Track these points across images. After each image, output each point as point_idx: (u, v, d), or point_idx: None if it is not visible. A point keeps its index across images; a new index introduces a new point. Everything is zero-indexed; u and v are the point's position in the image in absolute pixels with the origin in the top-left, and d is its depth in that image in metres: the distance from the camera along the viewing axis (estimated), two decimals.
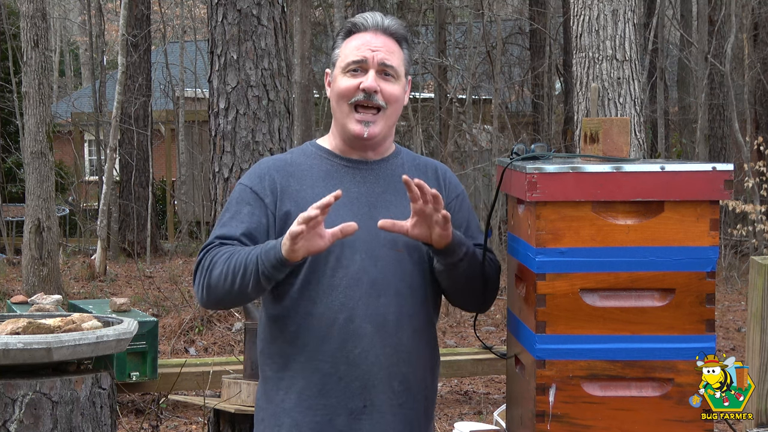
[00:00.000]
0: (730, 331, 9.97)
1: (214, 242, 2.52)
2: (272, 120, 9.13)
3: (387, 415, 2.53)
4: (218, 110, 9.28)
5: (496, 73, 16.37)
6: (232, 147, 9.17)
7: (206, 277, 2.47)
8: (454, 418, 6.71)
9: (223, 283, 2.44)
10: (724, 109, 17.30)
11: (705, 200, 2.33)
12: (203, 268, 2.49)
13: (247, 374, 4.79)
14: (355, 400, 2.50)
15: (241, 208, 2.55)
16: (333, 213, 2.45)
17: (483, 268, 2.58)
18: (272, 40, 8.37)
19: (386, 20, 2.58)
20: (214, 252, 2.49)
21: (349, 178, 2.57)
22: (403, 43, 2.60)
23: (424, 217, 2.41)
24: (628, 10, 7.30)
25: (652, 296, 2.34)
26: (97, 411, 3.02)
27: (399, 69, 2.56)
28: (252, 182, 2.57)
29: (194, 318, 9.05)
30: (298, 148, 2.70)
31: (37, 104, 10.47)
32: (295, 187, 2.55)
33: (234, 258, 2.44)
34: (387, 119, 2.55)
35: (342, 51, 2.58)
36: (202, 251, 2.53)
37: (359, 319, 2.49)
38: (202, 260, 2.51)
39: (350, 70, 2.53)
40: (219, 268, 2.45)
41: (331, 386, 2.49)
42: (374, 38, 2.55)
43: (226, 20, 8.49)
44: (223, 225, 2.55)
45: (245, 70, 8.67)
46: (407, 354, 2.56)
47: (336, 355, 2.49)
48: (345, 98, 2.53)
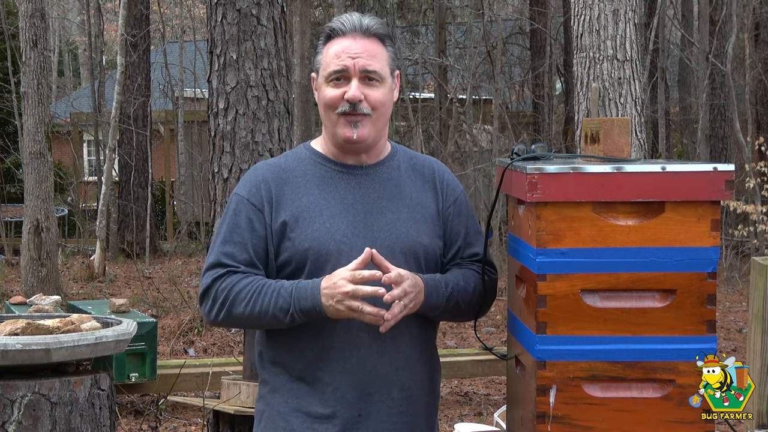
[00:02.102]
0: (731, 332, 9.96)
1: (223, 265, 2.50)
2: (272, 120, 9.12)
3: (386, 424, 2.52)
4: (217, 110, 9.27)
5: (496, 73, 16.37)
6: (231, 147, 9.17)
7: (227, 309, 2.47)
8: (455, 419, 6.70)
9: (246, 318, 2.46)
10: (725, 109, 17.29)
11: (706, 201, 2.32)
12: (223, 298, 2.47)
13: (246, 375, 4.78)
14: (351, 409, 2.48)
15: (239, 221, 2.53)
16: (329, 220, 2.46)
17: (474, 293, 2.59)
18: (272, 40, 8.36)
19: (365, 21, 2.53)
20: (232, 282, 2.47)
21: (344, 184, 2.54)
22: (386, 41, 2.55)
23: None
24: (629, 9, 7.29)
25: (652, 297, 2.33)
26: (96, 412, 3.02)
27: (382, 72, 2.52)
28: (249, 193, 2.55)
29: (193, 319, 9.05)
30: (292, 152, 2.68)
31: (35, 104, 10.46)
32: (289, 195, 2.52)
33: (261, 298, 2.44)
34: (375, 123, 2.53)
35: (323, 58, 2.53)
36: (210, 274, 2.51)
37: (356, 328, 2.48)
38: (218, 288, 2.48)
39: (333, 80, 2.50)
40: (243, 303, 2.45)
41: (328, 395, 2.48)
42: (353, 43, 2.50)
43: (226, 20, 8.48)
44: (225, 241, 2.53)
45: (245, 70, 8.67)
46: (405, 361, 2.54)
47: (333, 364, 2.48)
48: (331, 108, 2.51)
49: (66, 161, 22.33)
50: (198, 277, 12.46)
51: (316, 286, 2.41)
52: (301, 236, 2.47)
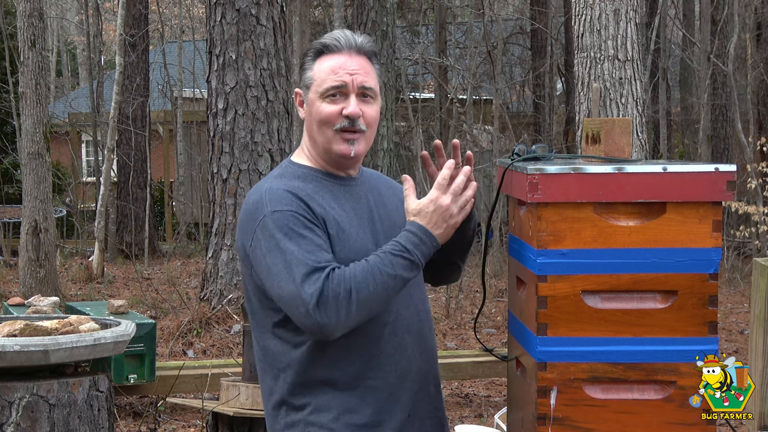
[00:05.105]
0: (732, 333, 9.95)
1: (318, 269, 2.32)
2: (271, 120, 9.12)
3: (428, 421, 2.53)
4: (217, 111, 9.26)
5: (497, 73, 16.38)
6: (230, 147, 9.17)
7: (355, 297, 2.31)
8: (455, 421, 6.69)
9: (376, 297, 2.33)
10: (726, 109, 17.29)
11: (707, 201, 2.32)
12: (344, 291, 2.30)
13: (245, 377, 4.77)
14: (403, 412, 2.47)
15: (300, 231, 2.38)
16: (357, 232, 2.45)
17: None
18: (271, 40, 8.36)
19: (358, 38, 2.52)
20: (339, 275, 2.32)
21: (348, 196, 2.53)
22: (374, 59, 2.55)
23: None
24: (630, 9, 7.29)
25: (654, 298, 2.33)
26: (94, 414, 3.01)
27: (376, 89, 2.52)
28: (291, 206, 2.40)
29: (192, 320, 9.03)
30: (284, 170, 2.56)
31: (34, 105, 10.45)
32: (317, 210, 2.44)
33: (377, 272, 2.33)
34: (368, 139, 2.52)
35: (316, 74, 2.49)
36: (312, 280, 2.31)
37: (401, 330, 2.47)
38: (332, 287, 2.30)
39: (329, 95, 2.47)
40: (366, 284, 2.32)
41: (383, 402, 2.45)
42: (349, 60, 2.48)
43: (225, 20, 8.45)
44: (300, 251, 2.34)
45: (244, 70, 8.66)
46: (433, 355, 2.57)
47: (384, 368, 2.45)
48: (328, 125, 2.47)
49: (64, 162, 22.32)
50: (197, 278, 12.44)
51: (419, 230, 2.37)
52: (345, 249, 2.42)
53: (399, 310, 2.47)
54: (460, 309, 10.31)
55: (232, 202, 8.96)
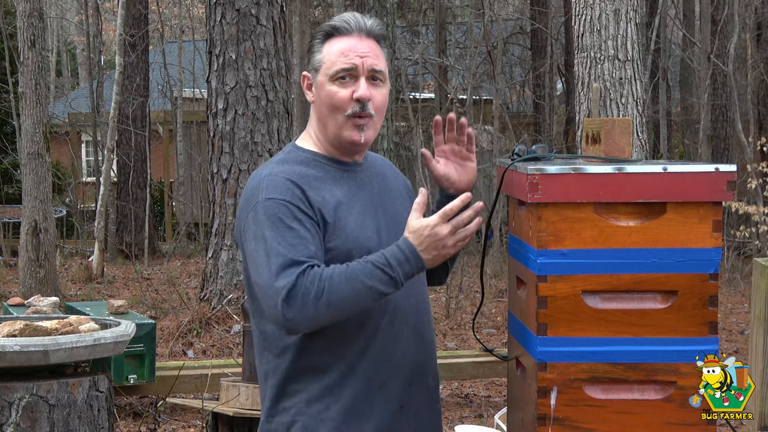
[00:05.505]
0: (733, 333, 9.95)
1: (297, 263, 2.31)
2: (271, 120, 9.12)
3: (424, 413, 2.52)
4: (217, 111, 9.25)
5: (497, 73, 16.38)
6: (230, 148, 9.16)
7: (325, 298, 2.29)
8: (455, 421, 6.69)
9: (346, 303, 2.31)
10: (727, 109, 17.28)
11: (708, 201, 2.32)
12: (317, 289, 2.29)
13: (245, 377, 4.77)
14: (395, 402, 2.46)
15: (288, 223, 2.37)
16: (359, 219, 2.43)
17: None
18: (271, 40, 8.35)
19: (368, 21, 2.50)
20: (316, 273, 2.30)
21: (352, 182, 2.51)
22: (382, 43, 2.54)
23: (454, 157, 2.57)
24: (630, 9, 7.28)
25: (654, 298, 2.33)
26: (94, 414, 3.01)
27: (386, 72, 2.50)
28: (285, 195, 2.39)
29: (192, 320, 9.02)
30: (287, 155, 2.55)
31: (33, 105, 10.44)
32: (315, 197, 2.42)
33: (354, 278, 2.30)
34: (376, 125, 2.51)
35: (325, 56, 2.47)
36: (288, 273, 2.30)
37: (398, 321, 2.47)
38: (305, 282, 2.29)
39: (339, 78, 2.45)
40: (340, 287, 2.30)
41: (374, 392, 2.44)
42: (359, 42, 2.46)
43: (225, 20, 8.44)
44: (283, 244, 2.33)
45: (244, 70, 8.66)
46: (431, 347, 2.57)
47: (378, 359, 2.44)
48: (339, 110, 2.45)
49: (64, 162, 22.31)
50: (197, 278, 12.44)
51: (408, 249, 2.33)
52: (342, 237, 2.41)
53: (398, 300, 2.45)
54: (460, 309, 10.31)
55: (232, 202, 8.95)
